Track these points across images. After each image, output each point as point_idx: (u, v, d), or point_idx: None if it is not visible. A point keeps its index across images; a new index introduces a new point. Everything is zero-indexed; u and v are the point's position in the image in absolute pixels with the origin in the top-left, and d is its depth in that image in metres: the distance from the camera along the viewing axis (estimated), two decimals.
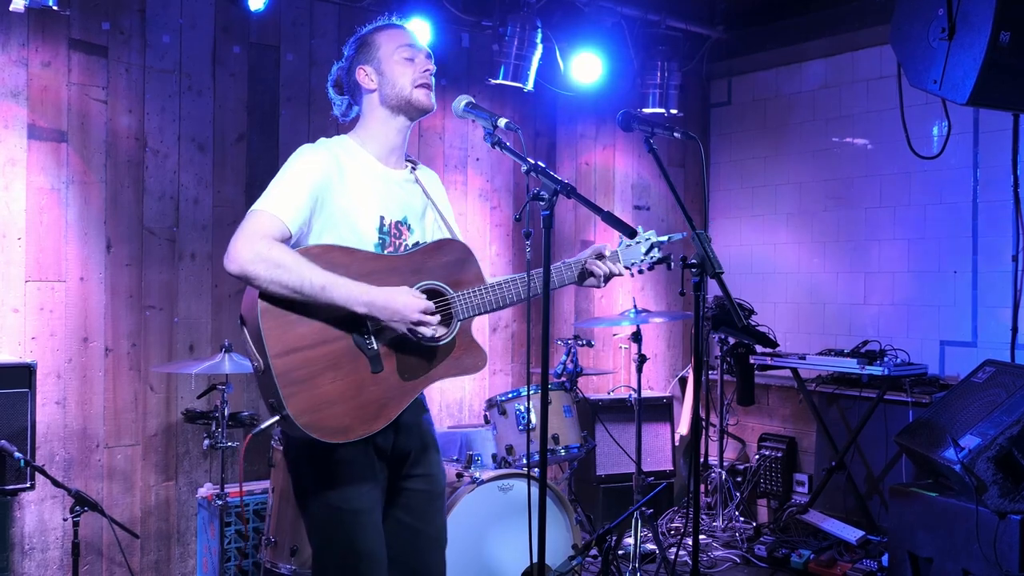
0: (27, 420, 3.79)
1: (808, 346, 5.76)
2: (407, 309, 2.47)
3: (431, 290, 2.61)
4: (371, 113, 2.74)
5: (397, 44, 2.74)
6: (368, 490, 2.55)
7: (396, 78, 2.71)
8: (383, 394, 2.50)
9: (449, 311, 2.62)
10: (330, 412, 2.41)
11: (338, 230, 2.56)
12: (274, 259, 2.37)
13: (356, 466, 2.53)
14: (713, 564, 5.06)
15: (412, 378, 2.56)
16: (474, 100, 2.83)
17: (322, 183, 2.54)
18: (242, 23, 4.73)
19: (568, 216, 5.95)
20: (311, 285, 2.39)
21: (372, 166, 2.69)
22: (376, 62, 2.73)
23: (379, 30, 2.80)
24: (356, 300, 2.43)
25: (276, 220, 2.45)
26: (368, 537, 2.53)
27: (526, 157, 2.61)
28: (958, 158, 5.16)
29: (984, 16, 3.53)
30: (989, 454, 3.89)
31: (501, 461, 4.36)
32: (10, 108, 4.11)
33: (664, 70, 5.85)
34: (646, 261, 2.87)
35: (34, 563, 4.17)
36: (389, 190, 2.69)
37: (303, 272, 2.38)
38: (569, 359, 4.83)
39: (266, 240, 2.40)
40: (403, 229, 2.69)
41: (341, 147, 2.67)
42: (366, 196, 2.62)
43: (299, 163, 2.57)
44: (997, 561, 3.83)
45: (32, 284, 4.17)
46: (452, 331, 2.62)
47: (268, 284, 2.37)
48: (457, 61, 5.49)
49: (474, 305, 2.65)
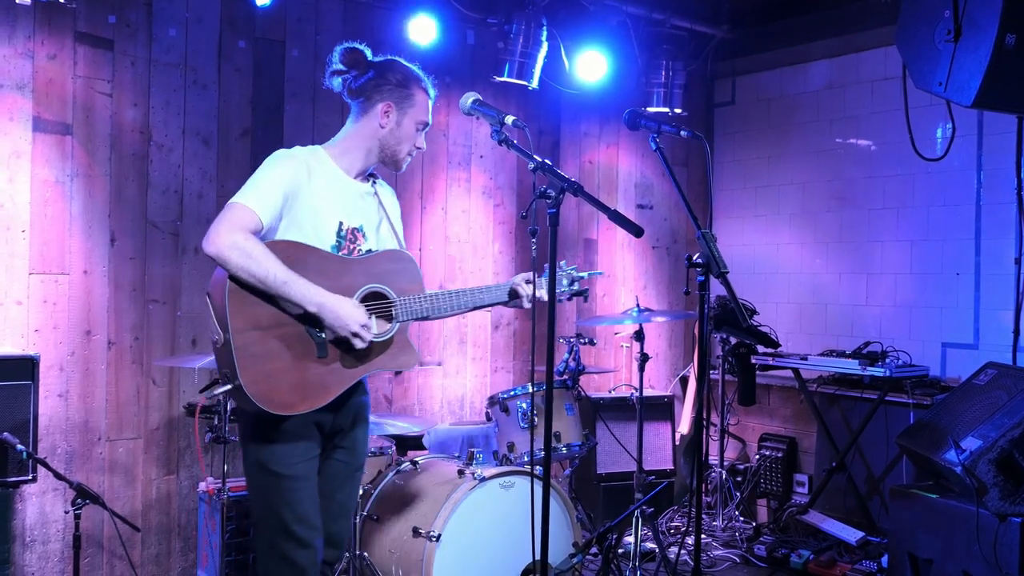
0: (29, 412, 3.79)
1: (810, 347, 5.76)
2: (349, 319, 2.77)
3: (377, 292, 2.92)
4: (361, 138, 3.01)
5: (424, 117, 3.04)
6: (305, 460, 2.84)
7: (403, 140, 3.02)
8: (325, 377, 2.80)
9: (390, 312, 2.92)
10: (278, 387, 2.71)
11: (302, 228, 2.84)
12: (247, 250, 2.66)
13: (297, 437, 2.81)
14: (713, 563, 5.07)
15: (352, 366, 2.86)
16: (481, 98, 2.85)
17: (293, 185, 2.83)
18: (248, 18, 4.73)
19: (571, 214, 5.96)
20: (275, 278, 2.68)
21: (339, 177, 2.97)
22: (402, 114, 2.99)
23: (422, 88, 3.04)
24: (310, 300, 2.72)
25: (252, 214, 2.74)
26: (303, 502, 2.81)
27: (533, 155, 2.62)
28: (962, 160, 5.15)
29: (990, 18, 3.53)
30: (990, 456, 3.89)
31: (503, 458, 4.36)
32: (15, 100, 4.11)
33: (668, 69, 5.85)
34: (566, 292, 3.23)
35: (35, 555, 4.17)
36: (351, 200, 2.98)
37: (269, 266, 2.68)
38: (571, 357, 4.84)
39: (243, 231, 2.70)
40: (358, 235, 2.97)
41: (314, 156, 2.95)
42: (329, 202, 2.91)
43: (275, 165, 2.87)
44: (997, 563, 3.84)
45: (36, 277, 4.18)
46: (392, 330, 2.92)
47: (238, 270, 2.66)
48: (462, 58, 5.49)
49: (413, 310, 2.96)
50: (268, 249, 2.70)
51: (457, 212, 5.50)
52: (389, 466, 4.28)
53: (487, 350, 5.63)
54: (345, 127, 3.03)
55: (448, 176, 5.48)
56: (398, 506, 4.02)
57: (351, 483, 3.06)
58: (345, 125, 3.04)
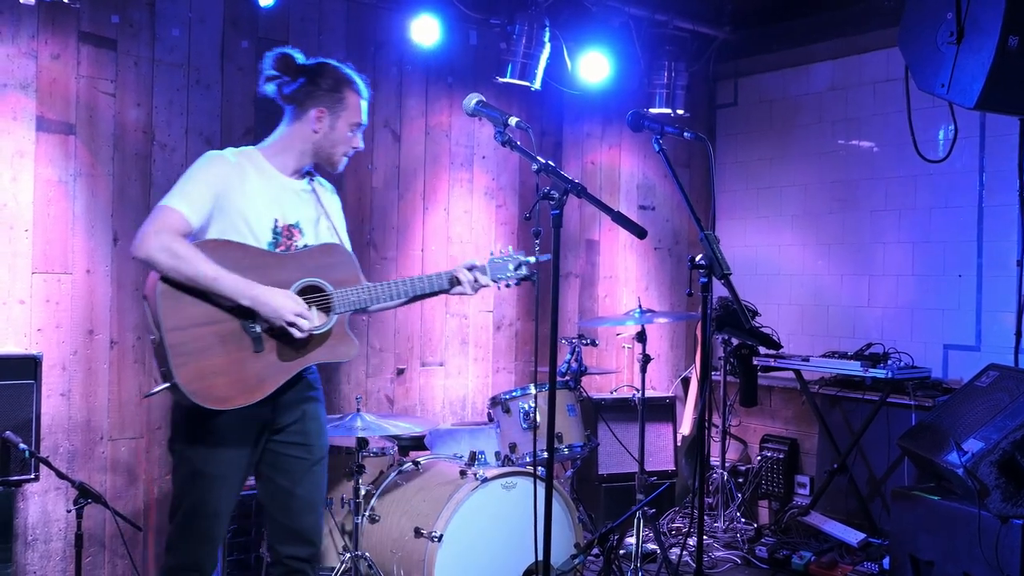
0: (32, 411, 3.79)
1: (811, 348, 5.76)
2: (283, 309, 2.82)
3: (313, 286, 2.96)
4: (295, 140, 3.08)
5: (357, 119, 3.10)
6: (229, 458, 2.92)
7: (338, 143, 3.08)
8: (262, 371, 2.86)
9: (328, 304, 2.96)
10: (214, 382, 2.77)
11: (236, 227, 2.91)
12: (175, 251, 2.75)
13: (224, 435, 2.88)
14: (714, 564, 5.07)
15: (289, 359, 2.90)
16: (484, 99, 2.85)
17: (223, 186, 2.90)
18: (251, 18, 4.73)
19: (573, 215, 5.96)
20: (204, 276, 2.76)
21: (273, 176, 3.04)
22: (335, 118, 3.06)
23: (354, 91, 3.11)
24: (242, 294, 2.79)
25: (181, 216, 2.82)
26: (216, 499, 2.92)
27: (536, 156, 2.63)
28: (964, 162, 5.15)
29: (993, 20, 3.53)
30: (992, 458, 3.89)
31: (505, 459, 4.37)
32: (19, 100, 4.12)
33: (671, 70, 5.85)
34: (513, 277, 3.24)
35: (37, 554, 4.18)
36: (286, 197, 3.04)
37: (198, 265, 2.75)
38: (573, 358, 4.84)
39: (171, 233, 2.78)
40: (295, 231, 3.03)
41: (246, 157, 3.02)
42: (263, 200, 2.97)
43: (205, 166, 2.95)
44: (999, 565, 3.84)
45: (38, 276, 4.18)
46: (330, 322, 2.96)
47: (168, 271, 2.75)
48: (464, 59, 5.50)
49: (350, 301, 3.00)
50: (197, 249, 2.78)
51: (459, 213, 5.50)
52: (391, 466, 4.28)
53: (489, 351, 5.63)
54: (279, 129, 3.11)
55: (450, 177, 5.49)
56: (400, 506, 4.02)
57: (311, 477, 3.07)
58: (279, 127, 3.12)
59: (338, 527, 4.09)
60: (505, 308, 5.67)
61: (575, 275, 6.01)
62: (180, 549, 2.96)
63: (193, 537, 2.94)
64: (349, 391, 5.03)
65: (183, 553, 2.95)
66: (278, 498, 3.04)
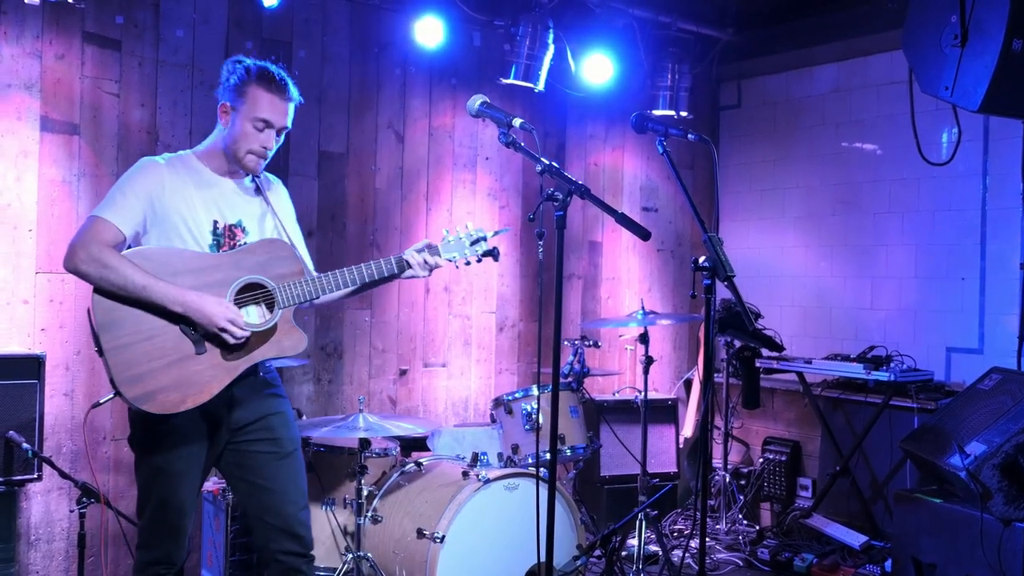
0: (35, 411, 3.80)
1: (814, 350, 5.76)
2: (215, 316, 2.81)
3: (255, 283, 2.94)
4: (216, 139, 3.06)
5: (260, 114, 2.97)
6: (187, 455, 2.93)
7: (239, 138, 2.98)
8: (206, 372, 2.85)
9: (272, 299, 2.94)
10: (157, 388, 2.78)
11: (176, 231, 2.91)
12: (103, 260, 2.75)
13: (181, 433, 2.90)
14: (716, 567, 5.06)
15: (234, 359, 2.89)
16: (488, 100, 2.85)
17: (156, 192, 2.90)
18: (255, 19, 4.74)
19: (576, 216, 5.96)
20: (134, 285, 2.75)
21: (208, 177, 3.02)
22: (236, 112, 2.99)
23: (259, 84, 2.97)
24: (172, 301, 2.79)
25: (111, 226, 2.82)
26: (179, 494, 2.94)
27: (540, 157, 2.63)
28: (967, 165, 5.15)
29: (997, 23, 3.53)
30: (995, 461, 3.89)
31: (507, 460, 4.37)
32: (23, 100, 4.12)
33: (674, 72, 5.85)
34: (471, 253, 3.19)
35: (40, 554, 4.18)
36: (224, 197, 3.02)
37: (127, 273, 2.75)
38: (576, 359, 4.84)
39: (98, 244, 2.78)
40: (237, 231, 3.01)
41: (180, 161, 3.01)
42: (199, 203, 2.96)
43: (136, 174, 2.94)
44: (1001, 568, 3.83)
45: (42, 276, 4.18)
46: (274, 318, 2.93)
47: (98, 282, 2.76)
48: (468, 60, 5.50)
49: (294, 295, 2.96)
50: (125, 258, 2.78)
51: (462, 214, 5.51)
52: (393, 467, 4.28)
53: (491, 352, 5.63)
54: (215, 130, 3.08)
55: (454, 178, 5.49)
56: (402, 507, 4.02)
57: (283, 470, 3.04)
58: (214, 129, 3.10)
59: (340, 528, 4.09)
60: (508, 309, 5.67)
61: (578, 276, 6.01)
62: (150, 544, 2.99)
63: (162, 532, 2.98)
64: (352, 392, 5.04)
65: (154, 548, 2.99)
66: (255, 497, 3.03)
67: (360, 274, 3.04)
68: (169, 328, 2.82)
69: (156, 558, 2.99)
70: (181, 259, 2.87)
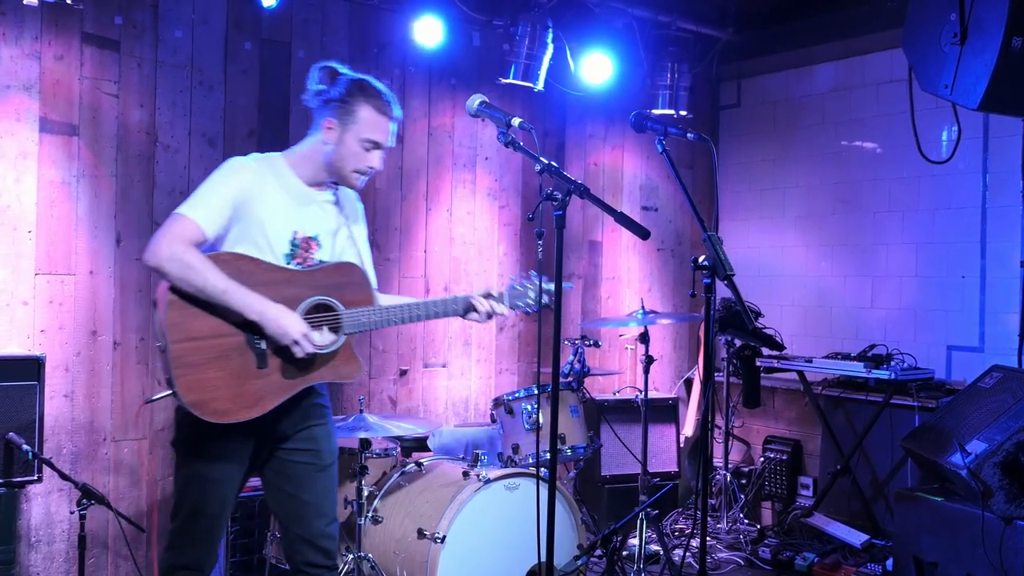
0: (35, 413, 3.80)
1: (815, 349, 5.75)
2: (290, 329, 2.79)
3: (324, 304, 2.92)
4: (313, 151, 3.01)
5: (370, 135, 2.96)
6: (228, 465, 2.93)
7: (346, 158, 2.97)
8: (263, 388, 2.83)
9: (337, 324, 2.93)
10: (213, 396, 2.76)
11: (253, 238, 2.87)
12: (186, 261, 2.71)
13: (224, 442, 2.88)
14: (717, 566, 5.06)
15: (292, 378, 2.88)
16: (488, 100, 2.85)
17: (242, 195, 2.85)
18: (254, 19, 4.73)
19: (576, 216, 5.96)
20: (214, 288, 2.72)
21: (295, 186, 2.98)
22: (344, 130, 2.96)
23: (368, 102, 2.97)
24: (250, 308, 2.76)
25: (195, 226, 2.78)
26: (215, 502, 2.93)
27: (540, 157, 2.63)
28: (967, 163, 5.15)
29: (997, 21, 3.52)
30: (995, 459, 3.88)
31: (507, 460, 4.36)
32: (22, 101, 4.12)
33: (674, 71, 5.85)
34: (533, 305, 3.22)
35: (40, 555, 4.18)
36: (307, 208, 2.99)
37: (208, 276, 2.72)
38: (576, 359, 4.84)
39: (183, 243, 2.74)
40: (312, 244, 2.99)
41: (270, 165, 2.97)
42: (283, 211, 2.92)
43: (225, 175, 2.89)
44: (1003, 567, 3.83)
45: (42, 277, 4.18)
46: (337, 342, 2.93)
47: (177, 281, 2.72)
48: (468, 60, 5.50)
49: (360, 323, 2.97)
50: (209, 260, 2.75)
51: (462, 214, 5.50)
52: (394, 467, 4.28)
53: (492, 352, 5.63)
54: (306, 138, 3.05)
55: (453, 177, 5.49)
56: (403, 507, 4.02)
57: (319, 483, 3.04)
58: (307, 136, 3.05)
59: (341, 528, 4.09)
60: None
61: (578, 276, 6.00)
62: (180, 548, 2.96)
63: (194, 536, 2.95)
64: (352, 392, 5.03)
65: (183, 552, 2.96)
66: (287, 506, 3.02)
67: (426, 312, 3.07)
68: (237, 336, 2.79)
69: (184, 563, 2.96)
70: (258, 269, 2.84)
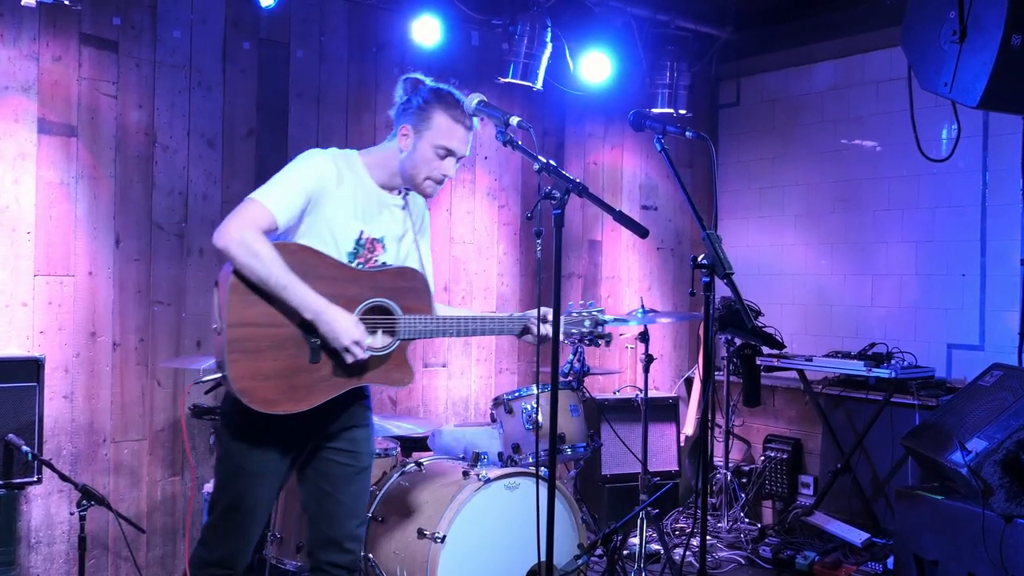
0: (35, 414, 3.80)
1: (815, 348, 5.75)
2: (343, 333, 2.75)
3: (382, 307, 2.90)
4: (388, 156, 3.01)
5: (444, 142, 2.94)
6: (272, 458, 2.88)
7: (419, 164, 2.96)
8: (313, 383, 2.80)
9: (393, 328, 2.90)
10: (263, 384, 2.72)
11: (319, 232, 2.86)
12: (254, 249, 2.67)
13: (270, 435, 2.84)
14: (718, 565, 5.06)
15: (343, 377, 2.85)
16: (485, 98, 2.85)
17: (318, 189, 2.84)
18: (252, 19, 4.73)
19: (576, 215, 5.95)
20: (276, 282, 2.69)
21: (368, 186, 2.97)
22: (419, 136, 2.94)
23: (446, 109, 2.95)
24: (307, 307, 2.73)
25: (268, 213, 2.74)
26: (255, 496, 2.88)
27: (538, 156, 2.62)
28: (967, 161, 5.15)
29: (996, 19, 3.52)
30: (996, 458, 3.88)
31: (508, 460, 4.36)
32: (20, 102, 4.12)
33: (673, 70, 5.84)
34: (587, 336, 3.23)
35: (40, 557, 4.17)
36: (375, 210, 2.98)
37: (273, 268, 2.68)
38: (576, 358, 4.83)
39: (253, 229, 2.70)
40: (377, 246, 2.98)
41: (347, 161, 2.95)
42: (352, 210, 2.91)
43: (303, 165, 2.87)
44: (1003, 565, 3.83)
45: (41, 278, 4.18)
46: (391, 346, 2.91)
47: (242, 267, 2.68)
48: (467, 59, 5.49)
49: (416, 330, 2.95)
50: (276, 250, 2.71)
51: (462, 213, 5.50)
52: (394, 467, 4.28)
53: (491, 351, 5.63)
54: (385, 141, 3.04)
55: (452, 177, 5.47)
56: (403, 507, 4.01)
57: (355, 484, 3.03)
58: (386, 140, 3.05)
59: None
60: (508, 308, 5.66)
61: (577, 275, 6.00)
62: (214, 542, 2.92)
63: (227, 532, 2.91)
64: None
65: (215, 547, 2.92)
66: (322, 504, 3.00)
67: (482, 328, 3.09)
68: (292, 328, 2.76)
69: (216, 558, 2.91)
70: (322, 263, 2.82)
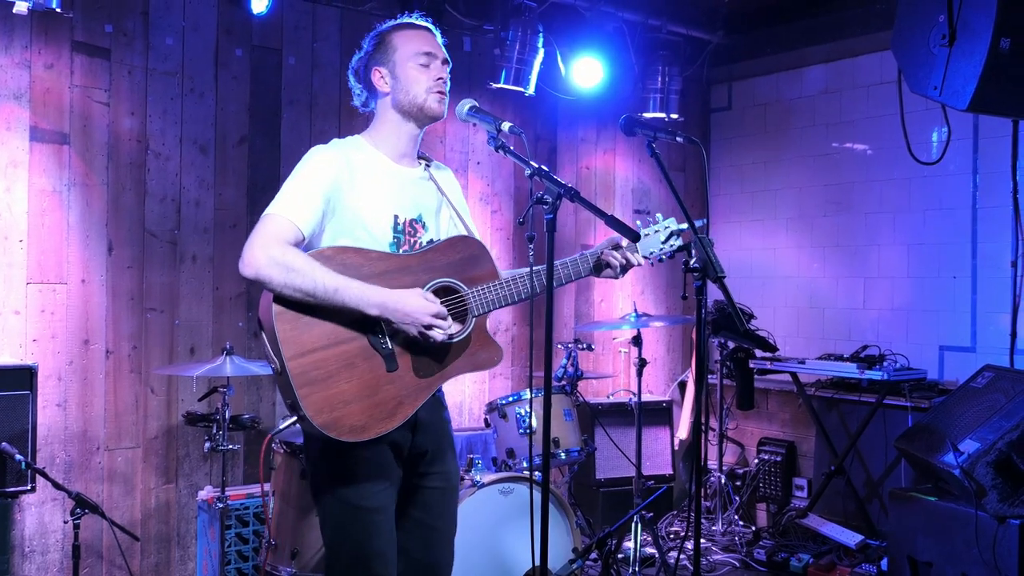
0: (28, 422, 3.79)
1: (807, 351, 5.77)
2: (418, 312, 2.49)
3: (445, 287, 2.63)
4: (384, 115, 2.78)
5: (414, 50, 2.74)
6: (383, 489, 2.58)
7: (410, 85, 2.72)
8: (398, 392, 2.52)
9: (464, 308, 2.63)
10: (346, 411, 2.44)
11: (352, 231, 2.59)
12: (288, 263, 2.41)
13: (372, 464, 2.55)
14: (712, 568, 5.06)
15: (427, 375, 2.58)
16: (477, 104, 2.85)
17: (334, 185, 2.58)
18: (244, 26, 4.73)
19: (568, 220, 5.96)
20: (324, 288, 2.42)
21: (385, 165, 2.72)
22: (392, 64, 2.74)
23: (398, 29, 2.78)
24: (368, 302, 2.46)
25: (289, 224, 2.49)
26: (380, 536, 2.56)
27: (530, 161, 2.63)
28: (958, 164, 5.17)
29: (984, 23, 3.54)
30: (988, 459, 3.89)
31: (502, 464, 4.36)
32: (12, 110, 4.11)
33: (665, 75, 5.86)
34: (665, 250, 2.93)
35: (34, 565, 4.16)
36: (403, 188, 2.72)
37: (316, 275, 2.42)
38: (569, 363, 4.84)
39: (280, 245, 2.44)
40: (418, 227, 2.71)
41: (353, 147, 2.71)
42: (379, 195, 2.65)
43: (310, 165, 2.61)
44: (996, 565, 3.84)
45: (33, 286, 4.17)
46: (467, 327, 2.63)
47: (282, 288, 2.41)
48: (458, 65, 5.47)
49: (489, 301, 2.66)
50: (311, 258, 2.46)
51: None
52: None
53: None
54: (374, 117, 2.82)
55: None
56: None
57: (450, 507, 2.80)
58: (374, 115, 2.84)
59: None
60: (501, 313, 5.67)
61: None
62: None
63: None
64: None
65: None
66: (416, 533, 2.71)
67: (556, 276, 2.72)
68: (358, 340, 2.48)
69: None
70: (366, 260, 2.53)
